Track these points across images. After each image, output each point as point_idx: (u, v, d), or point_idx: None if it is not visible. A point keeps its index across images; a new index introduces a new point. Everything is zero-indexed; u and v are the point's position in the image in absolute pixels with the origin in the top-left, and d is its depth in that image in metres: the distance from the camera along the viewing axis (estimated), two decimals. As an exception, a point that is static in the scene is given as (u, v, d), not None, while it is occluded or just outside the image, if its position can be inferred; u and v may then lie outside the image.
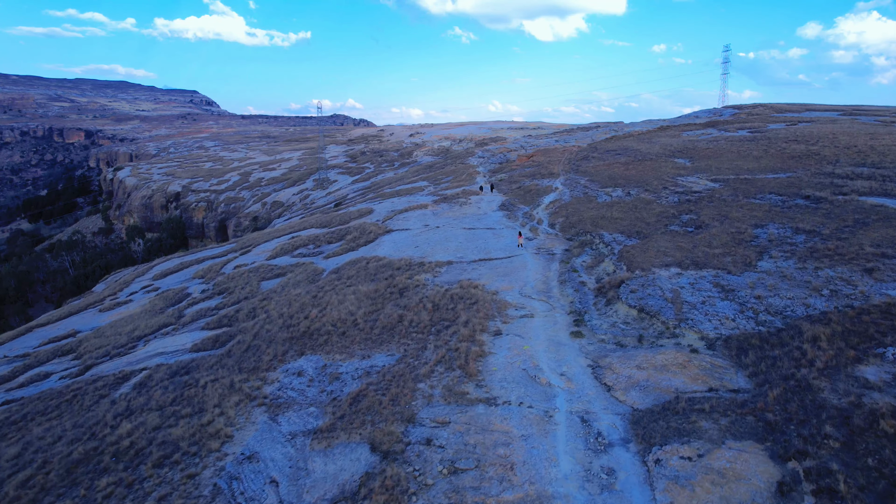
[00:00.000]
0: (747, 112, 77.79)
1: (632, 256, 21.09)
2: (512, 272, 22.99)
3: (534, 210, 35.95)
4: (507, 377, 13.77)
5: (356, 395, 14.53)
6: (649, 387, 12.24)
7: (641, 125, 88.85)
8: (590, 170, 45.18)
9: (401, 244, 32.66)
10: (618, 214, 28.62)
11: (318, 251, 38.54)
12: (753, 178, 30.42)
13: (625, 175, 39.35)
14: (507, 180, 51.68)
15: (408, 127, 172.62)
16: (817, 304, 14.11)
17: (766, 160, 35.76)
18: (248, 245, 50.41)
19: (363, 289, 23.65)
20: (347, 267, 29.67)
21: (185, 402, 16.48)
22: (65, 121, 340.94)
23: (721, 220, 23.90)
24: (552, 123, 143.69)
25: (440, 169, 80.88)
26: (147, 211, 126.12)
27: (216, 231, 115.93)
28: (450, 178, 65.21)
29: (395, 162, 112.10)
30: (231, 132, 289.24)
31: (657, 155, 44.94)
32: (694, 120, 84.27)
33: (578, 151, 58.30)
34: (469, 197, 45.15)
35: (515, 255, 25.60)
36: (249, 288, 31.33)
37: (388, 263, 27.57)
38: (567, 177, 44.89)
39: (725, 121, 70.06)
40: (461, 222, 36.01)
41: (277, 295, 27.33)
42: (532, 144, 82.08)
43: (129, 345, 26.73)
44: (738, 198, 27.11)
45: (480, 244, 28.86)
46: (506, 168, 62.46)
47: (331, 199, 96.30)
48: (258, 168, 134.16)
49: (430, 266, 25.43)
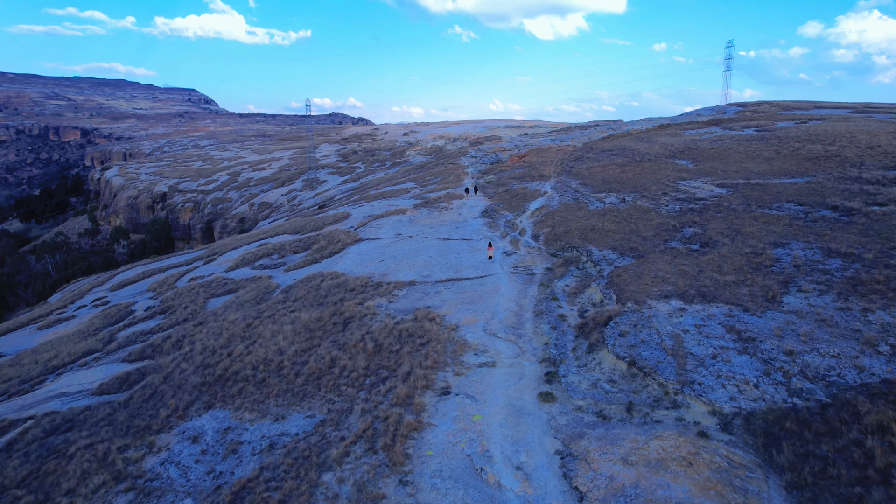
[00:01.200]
0: (752, 110, 73.66)
1: (624, 282, 17.19)
2: (480, 298, 19.14)
3: (518, 218, 32.05)
4: (443, 469, 9.94)
5: (243, 485, 10.71)
6: (639, 498, 8.40)
7: (640, 123, 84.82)
8: (583, 172, 41.26)
9: (366, 257, 28.84)
10: (610, 226, 24.71)
11: (280, 262, 34.73)
12: (767, 184, 26.44)
13: (620, 178, 35.42)
14: (495, 182, 47.80)
15: (403, 126, 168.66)
16: (875, 366, 10.26)
17: (779, 162, 31.78)
18: (216, 252, 46.59)
19: (305, 317, 19.82)
20: (300, 285, 25.85)
21: (37, 481, 12.67)
22: (61, 119, 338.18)
23: (732, 235, 19.95)
24: (551, 122, 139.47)
25: (430, 169, 77.02)
26: (133, 212, 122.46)
27: (202, 233, 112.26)
28: (438, 178, 61.40)
29: (387, 162, 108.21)
30: (227, 131, 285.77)
31: (657, 156, 41.00)
32: (696, 118, 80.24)
33: (573, 151, 54.35)
34: (451, 202, 41.26)
35: (488, 275, 21.74)
36: (193, 307, 27.51)
37: (344, 283, 23.74)
38: (558, 179, 40.98)
39: (730, 119, 65.99)
40: (437, 231, 32.15)
41: (214, 320, 23.52)
42: (526, 144, 78.10)
43: (39, 378, 22.93)
44: (751, 207, 23.14)
45: (452, 259, 25.00)
46: (496, 169, 58.57)
47: (318, 200, 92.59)
48: (248, 168, 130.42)
49: (389, 288, 21.60)
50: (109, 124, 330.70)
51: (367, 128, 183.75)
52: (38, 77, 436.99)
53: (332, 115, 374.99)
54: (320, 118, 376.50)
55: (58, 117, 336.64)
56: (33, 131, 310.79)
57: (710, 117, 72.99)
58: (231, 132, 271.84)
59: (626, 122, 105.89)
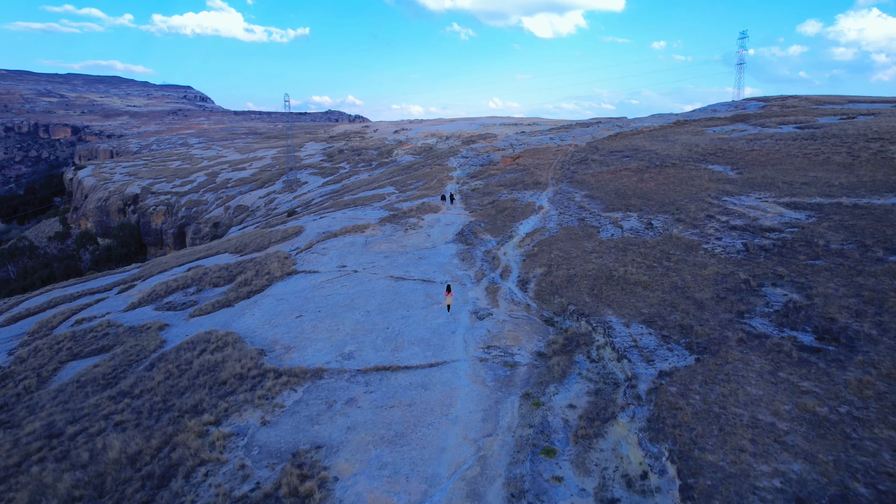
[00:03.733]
0: (779, 104, 64.79)
1: (686, 427, 8.70)
2: (416, 426, 10.74)
3: (502, 246, 23.55)
4: None
5: None
6: None
7: (651, 120, 76.02)
8: (589, 179, 32.70)
9: (285, 305, 20.46)
10: (638, 273, 16.23)
11: (191, 301, 26.37)
12: (871, 205, 17.81)
13: (640, 190, 26.91)
14: (482, 191, 39.31)
15: (394, 123, 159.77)
16: None
17: (864, 169, 23.24)
18: (143, 276, 38.22)
19: (87, 474, 11.43)
20: (175, 356, 17.45)
21: None
22: (51, 116, 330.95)
23: (873, 317, 11.33)
24: (550, 120, 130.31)
25: (414, 171, 68.54)
26: (102, 215, 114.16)
27: (174, 238, 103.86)
28: (420, 182, 53.00)
29: (373, 162, 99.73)
30: (219, 129, 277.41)
31: (682, 159, 32.45)
32: (713, 114, 71.53)
33: (575, 152, 45.74)
34: (423, 216, 32.79)
35: (442, 363, 13.35)
36: (28, 381, 19.11)
37: (224, 361, 15.36)
38: (558, 188, 32.45)
39: (757, 114, 57.26)
40: (392, 263, 23.72)
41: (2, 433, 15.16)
42: (522, 143, 69.45)
43: None
44: (872, 250, 14.52)
45: (397, 321, 16.61)
46: (485, 172, 50.04)
47: (294, 204, 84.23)
48: (227, 168, 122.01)
49: (281, 382, 13.23)
50: (101, 122, 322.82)
51: (357, 125, 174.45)
52: (31, 74, 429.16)
53: (328, 113, 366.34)
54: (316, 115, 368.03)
55: (48, 114, 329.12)
56: (23, 129, 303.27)
57: (732, 113, 64.31)
58: (222, 130, 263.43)
59: (632, 118, 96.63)
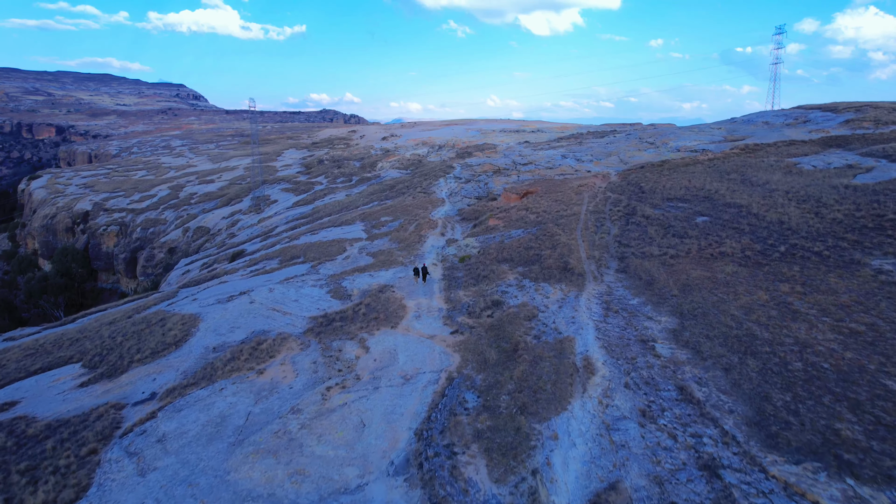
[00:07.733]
0: (874, 118, 49.55)
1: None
2: None
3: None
4: None
5: None
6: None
7: (688, 135, 61.99)
8: (658, 274, 19.11)
9: None
10: None
11: None
12: None
13: (789, 334, 13.25)
14: (475, 265, 25.61)
15: (384, 127, 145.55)
16: None
17: None
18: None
19: None
20: None
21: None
22: (36, 115, 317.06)
23: None
24: (553, 123, 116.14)
25: (395, 196, 54.89)
26: (49, 234, 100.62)
27: (126, 264, 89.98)
28: (397, 222, 39.44)
29: (353, 176, 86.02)
30: (206, 129, 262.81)
31: (812, 235, 18.77)
32: (769, 128, 57.40)
33: (608, 192, 32.05)
34: (371, 335, 19.10)
35: None
36: None
37: None
38: (603, 289, 18.90)
39: (856, 137, 42.99)
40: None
41: None
42: (527, 160, 55.70)
43: None
44: None
45: None
46: (483, 215, 36.43)
47: (255, 231, 70.49)
48: (194, 180, 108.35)
49: None
50: (87, 121, 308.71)
51: (343, 129, 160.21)
52: (19, 71, 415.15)
53: (322, 112, 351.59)
54: (311, 115, 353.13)
55: (32, 113, 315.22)
56: (5, 128, 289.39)
57: (808, 130, 50.03)
58: (209, 131, 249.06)
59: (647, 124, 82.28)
